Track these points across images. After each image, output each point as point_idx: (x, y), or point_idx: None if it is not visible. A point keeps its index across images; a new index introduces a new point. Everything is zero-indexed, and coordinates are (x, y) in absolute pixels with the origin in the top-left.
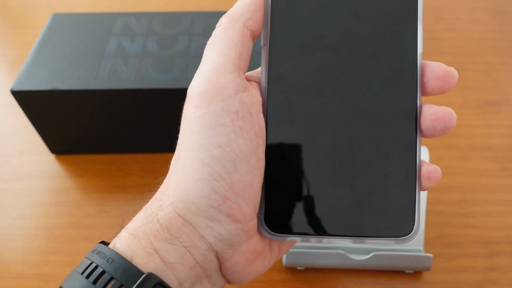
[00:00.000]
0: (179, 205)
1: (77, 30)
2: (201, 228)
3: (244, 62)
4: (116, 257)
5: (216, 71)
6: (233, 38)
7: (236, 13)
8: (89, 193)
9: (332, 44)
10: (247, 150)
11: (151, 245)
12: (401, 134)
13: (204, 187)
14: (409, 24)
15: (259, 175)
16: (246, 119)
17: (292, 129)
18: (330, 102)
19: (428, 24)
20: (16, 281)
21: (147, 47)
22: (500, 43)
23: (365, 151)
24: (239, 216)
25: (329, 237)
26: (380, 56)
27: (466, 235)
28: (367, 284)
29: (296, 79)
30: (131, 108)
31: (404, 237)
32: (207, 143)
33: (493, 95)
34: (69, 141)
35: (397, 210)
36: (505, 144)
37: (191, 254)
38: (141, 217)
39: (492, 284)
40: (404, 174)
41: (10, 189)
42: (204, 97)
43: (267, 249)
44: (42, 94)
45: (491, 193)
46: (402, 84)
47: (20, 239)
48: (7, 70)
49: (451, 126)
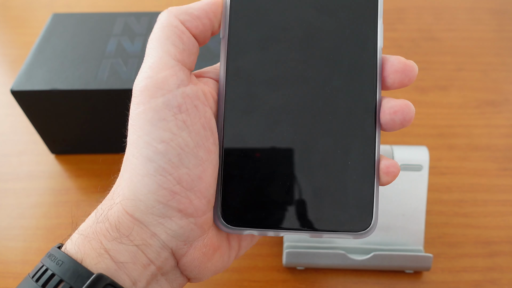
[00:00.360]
0: (127, 203)
1: (77, 30)
2: (152, 226)
3: (187, 57)
4: (66, 259)
5: (156, 66)
6: (170, 34)
7: (177, 10)
8: (89, 193)
9: (292, 37)
10: (193, 143)
11: (102, 245)
12: (360, 128)
13: (150, 183)
14: (370, 19)
15: (210, 167)
16: (191, 112)
17: (250, 121)
18: (289, 95)
19: (428, 24)
20: (16, 281)
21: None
22: (500, 43)
23: (324, 145)
24: (191, 210)
25: (286, 231)
26: (340, 50)
27: (466, 235)
28: (367, 284)
29: (254, 71)
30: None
31: (362, 232)
32: (150, 138)
33: (493, 95)
34: (69, 141)
35: (355, 205)
36: (505, 144)
37: (144, 252)
38: (92, 217)
39: (492, 284)
40: (363, 169)
41: (10, 189)
42: (145, 93)
43: (225, 243)
44: (42, 94)
45: (491, 193)
46: (361, 78)
47: (20, 239)
48: (7, 70)
49: (410, 119)
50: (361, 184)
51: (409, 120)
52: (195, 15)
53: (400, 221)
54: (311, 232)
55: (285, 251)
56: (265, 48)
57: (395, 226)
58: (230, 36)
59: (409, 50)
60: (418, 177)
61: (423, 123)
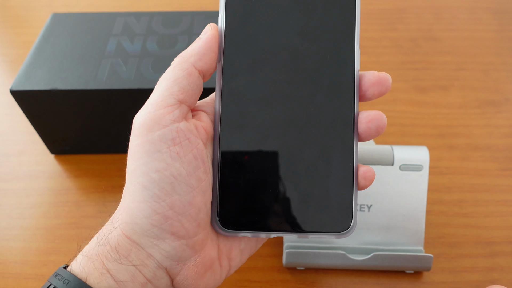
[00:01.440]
0: (125, 227)
1: (76, 30)
2: (147, 247)
3: (189, 97)
4: (72, 278)
5: (156, 104)
6: (179, 76)
7: (187, 54)
8: (89, 193)
9: (279, 62)
10: (185, 172)
11: (103, 265)
12: (340, 139)
13: (145, 209)
14: (348, 45)
15: (200, 194)
16: (183, 145)
17: (243, 135)
18: (277, 111)
19: (428, 23)
20: (15, 281)
21: (146, 47)
22: (500, 42)
23: (309, 155)
24: (182, 233)
25: (276, 233)
26: (322, 71)
27: (467, 235)
28: (367, 284)
29: (246, 91)
30: (130, 108)
31: (343, 232)
32: (146, 168)
33: (493, 95)
34: (68, 141)
35: (337, 208)
36: (505, 144)
37: (141, 272)
38: (94, 240)
39: (493, 284)
40: (342, 175)
41: (10, 189)
42: (143, 127)
43: (217, 263)
44: (41, 94)
45: (491, 193)
46: (341, 95)
47: (19, 239)
48: (6, 70)
49: (383, 126)
50: (341, 190)
51: (383, 127)
52: (201, 53)
53: (400, 221)
54: (298, 233)
55: (285, 251)
56: (256, 71)
57: (395, 226)
58: (225, 60)
59: (409, 50)
60: (418, 177)
61: (423, 123)
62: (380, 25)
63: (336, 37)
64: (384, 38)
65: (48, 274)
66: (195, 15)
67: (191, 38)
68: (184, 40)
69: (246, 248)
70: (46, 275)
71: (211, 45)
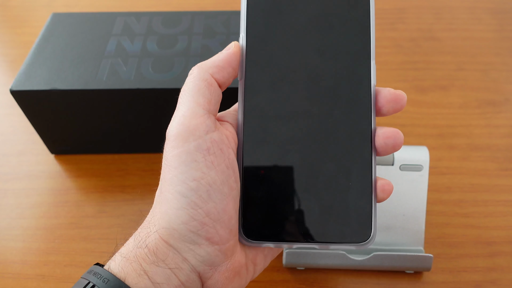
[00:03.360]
0: (163, 232)
1: (76, 30)
2: (184, 252)
3: (213, 106)
4: (111, 277)
5: (188, 115)
6: (201, 87)
7: (206, 65)
8: (89, 193)
9: (299, 80)
10: (220, 181)
11: (141, 267)
12: (359, 154)
13: (183, 215)
14: (365, 62)
15: (231, 201)
16: (217, 155)
17: (266, 151)
18: (298, 127)
19: (428, 23)
20: (15, 281)
21: (146, 47)
22: (500, 42)
23: (329, 169)
24: (216, 239)
25: (298, 243)
26: (340, 87)
27: (466, 235)
28: (367, 284)
29: (268, 108)
30: (131, 108)
31: (363, 242)
32: (183, 177)
33: (493, 95)
34: (68, 141)
35: (357, 219)
36: (505, 144)
37: (176, 275)
38: (132, 243)
39: (493, 284)
40: (362, 188)
41: (10, 189)
42: (179, 138)
43: (244, 268)
44: (41, 94)
45: (491, 193)
46: (359, 111)
47: (19, 239)
48: (6, 70)
49: (400, 143)
50: (361, 202)
51: (400, 144)
52: (221, 66)
53: (400, 221)
54: (320, 244)
55: (285, 251)
56: (276, 89)
57: (396, 226)
58: (246, 78)
59: (409, 50)
60: (419, 177)
61: (423, 123)
62: (380, 25)
63: (352, 54)
64: (384, 38)
65: (48, 274)
66: (195, 15)
67: (191, 38)
68: (184, 40)
69: (269, 254)
70: (46, 275)
71: (231, 61)
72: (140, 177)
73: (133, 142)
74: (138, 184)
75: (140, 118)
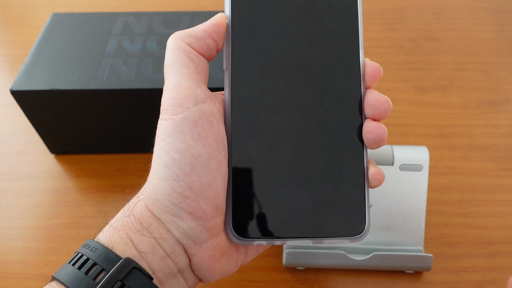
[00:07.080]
0: (148, 201)
1: (76, 30)
2: (167, 223)
3: (200, 75)
4: (99, 246)
5: (176, 87)
6: (182, 57)
7: (182, 34)
8: (89, 193)
9: (287, 70)
10: (206, 154)
11: (127, 235)
12: (350, 145)
13: (165, 186)
14: (353, 48)
15: (220, 177)
16: (205, 127)
17: (254, 143)
18: (288, 119)
19: (428, 23)
20: (16, 281)
21: (146, 47)
22: (500, 43)
23: (320, 161)
24: (199, 214)
25: (291, 239)
26: (328, 76)
27: (466, 235)
28: (367, 284)
29: (255, 98)
30: (131, 108)
31: (358, 235)
32: (168, 148)
33: (493, 95)
34: (68, 141)
35: (351, 213)
36: (505, 144)
37: (161, 245)
38: (120, 212)
39: (492, 284)
40: (354, 180)
41: (10, 189)
42: (169, 110)
43: (234, 249)
44: (41, 94)
45: (491, 193)
46: (349, 102)
47: (19, 239)
48: (6, 70)
49: (382, 138)
50: (354, 195)
51: (382, 139)
52: (198, 37)
53: (400, 221)
54: (314, 239)
55: (285, 251)
56: (263, 79)
57: (395, 226)
58: (232, 68)
59: (409, 50)
60: (418, 177)
61: (423, 123)
62: (380, 25)
63: (341, 42)
64: (384, 38)
65: (48, 274)
66: (195, 15)
67: None
68: None
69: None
70: (46, 275)
71: (210, 31)
72: (140, 177)
73: (133, 142)
74: (138, 184)
75: (140, 118)
